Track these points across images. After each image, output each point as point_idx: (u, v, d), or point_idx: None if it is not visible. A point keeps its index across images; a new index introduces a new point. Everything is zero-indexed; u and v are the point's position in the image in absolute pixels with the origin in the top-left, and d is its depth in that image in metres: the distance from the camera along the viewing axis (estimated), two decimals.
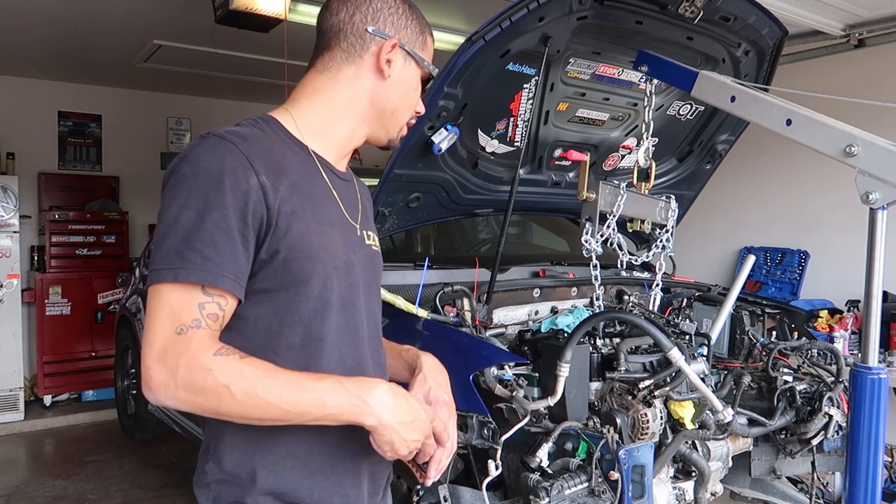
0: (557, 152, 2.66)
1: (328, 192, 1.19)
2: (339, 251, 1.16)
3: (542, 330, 2.06)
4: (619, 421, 1.74)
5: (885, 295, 3.46)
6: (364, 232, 1.27)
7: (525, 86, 2.30)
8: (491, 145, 2.46)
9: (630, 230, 2.42)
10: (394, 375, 1.31)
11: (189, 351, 0.98)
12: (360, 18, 1.19)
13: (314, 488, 1.13)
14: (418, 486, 1.94)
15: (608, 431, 1.66)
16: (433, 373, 1.26)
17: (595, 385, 1.90)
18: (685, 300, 2.60)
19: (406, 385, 1.21)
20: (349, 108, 1.22)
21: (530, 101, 2.35)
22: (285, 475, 1.12)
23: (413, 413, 1.08)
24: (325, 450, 1.14)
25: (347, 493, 1.17)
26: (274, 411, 0.99)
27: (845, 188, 1.83)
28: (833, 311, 3.92)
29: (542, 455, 1.68)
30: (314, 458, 1.13)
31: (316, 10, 1.33)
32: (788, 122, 1.68)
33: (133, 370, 4.73)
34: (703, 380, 1.85)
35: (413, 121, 1.29)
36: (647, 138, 2.24)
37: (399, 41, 1.20)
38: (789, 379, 2.23)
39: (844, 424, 2.11)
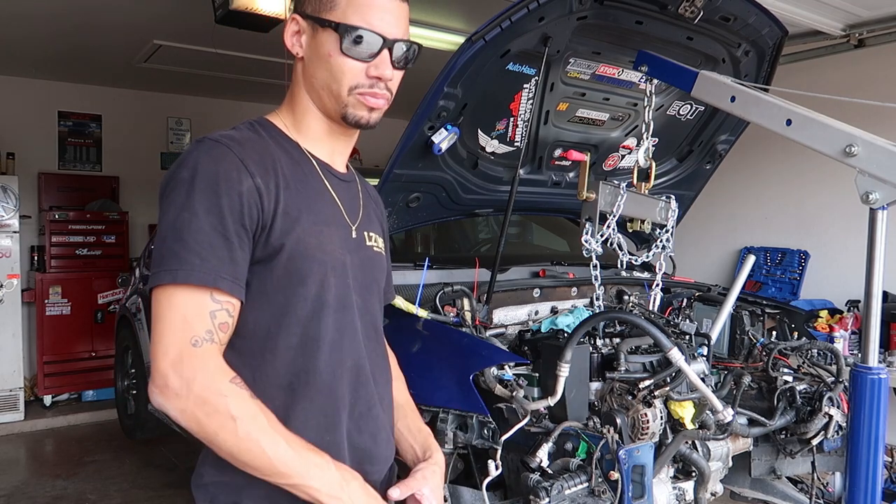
0: (557, 152, 2.66)
1: (325, 193, 1.19)
2: (337, 251, 1.16)
3: (542, 330, 2.06)
4: (619, 421, 1.73)
5: (885, 295, 3.46)
6: (365, 233, 1.25)
7: (525, 86, 2.30)
8: (491, 145, 2.46)
9: (630, 230, 2.42)
10: (402, 451, 1.34)
11: (208, 368, 1.00)
12: (288, 9, 1.20)
13: None
14: None
15: (608, 431, 1.65)
16: (440, 469, 1.28)
17: (595, 385, 1.90)
18: (685, 300, 2.60)
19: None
20: (301, 102, 1.21)
21: (530, 101, 2.35)
22: None
23: None
24: (325, 450, 1.13)
25: None
26: (263, 462, 1.00)
27: (845, 188, 1.83)
28: (833, 311, 3.92)
29: (542, 455, 1.68)
30: None
31: None
32: (788, 122, 1.68)
33: (133, 370, 4.73)
34: (703, 380, 1.85)
35: (377, 90, 1.15)
36: (647, 138, 2.24)
37: (301, 14, 1.16)
38: (789, 379, 2.23)
39: (844, 424, 2.11)
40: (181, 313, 1.01)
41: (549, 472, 1.66)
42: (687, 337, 2.13)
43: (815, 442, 2.15)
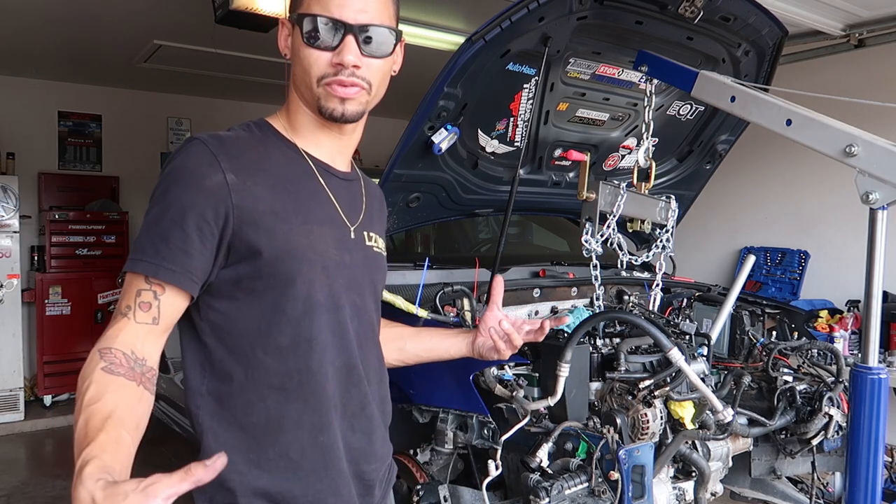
0: (557, 152, 2.65)
1: (320, 192, 1.18)
2: (330, 251, 1.15)
3: None
4: (619, 421, 1.74)
5: (885, 295, 3.46)
6: (365, 233, 1.25)
7: (525, 86, 2.30)
8: (491, 145, 2.46)
9: (630, 230, 2.42)
10: (455, 353, 1.46)
11: (103, 336, 1.01)
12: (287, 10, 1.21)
13: (308, 489, 1.13)
14: (418, 486, 1.94)
15: (608, 431, 1.66)
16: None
17: (595, 385, 1.90)
18: (685, 300, 2.60)
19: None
20: (293, 102, 1.21)
21: (530, 101, 2.35)
22: (278, 476, 1.11)
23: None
24: (320, 451, 1.13)
25: (341, 492, 1.16)
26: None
27: (845, 188, 1.83)
28: (833, 311, 3.92)
29: (542, 455, 1.68)
30: (308, 458, 1.12)
31: None
32: (788, 122, 1.68)
33: None
34: (703, 380, 1.85)
35: (343, 77, 1.12)
36: (647, 138, 2.24)
37: (288, 17, 1.17)
38: (789, 379, 2.23)
39: (844, 424, 2.11)
40: (121, 297, 1.06)
41: (549, 472, 1.66)
42: (687, 337, 2.13)
43: (815, 442, 2.15)
